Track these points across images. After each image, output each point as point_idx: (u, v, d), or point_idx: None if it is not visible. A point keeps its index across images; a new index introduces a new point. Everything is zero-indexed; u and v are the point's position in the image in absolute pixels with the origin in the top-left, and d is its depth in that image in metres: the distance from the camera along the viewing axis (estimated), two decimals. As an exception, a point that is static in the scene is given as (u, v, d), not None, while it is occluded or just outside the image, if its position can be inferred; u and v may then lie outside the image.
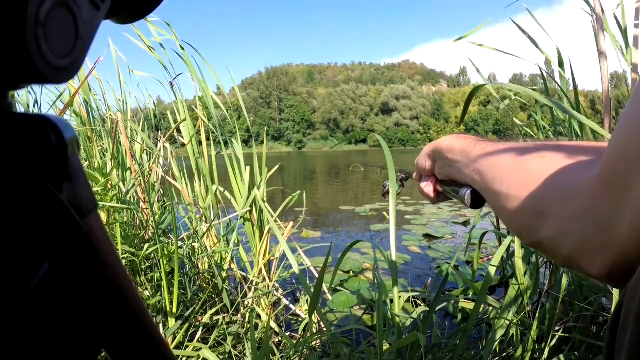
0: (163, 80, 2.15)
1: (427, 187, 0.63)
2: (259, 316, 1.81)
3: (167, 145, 2.25)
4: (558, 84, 1.65)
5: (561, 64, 1.67)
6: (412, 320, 1.49)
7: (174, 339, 1.45)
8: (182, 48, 2.02)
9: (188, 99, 2.16)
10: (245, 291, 1.93)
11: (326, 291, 2.20)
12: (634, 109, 0.25)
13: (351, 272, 2.81)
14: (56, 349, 0.19)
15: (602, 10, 1.47)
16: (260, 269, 1.97)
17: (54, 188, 0.19)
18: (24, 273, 0.17)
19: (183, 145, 2.09)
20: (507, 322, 1.30)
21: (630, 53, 1.42)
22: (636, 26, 1.39)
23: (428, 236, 3.99)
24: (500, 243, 1.76)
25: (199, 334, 1.61)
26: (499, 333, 1.28)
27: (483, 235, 1.84)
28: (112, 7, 0.24)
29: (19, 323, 0.17)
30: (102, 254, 0.24)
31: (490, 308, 1.55)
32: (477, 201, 0.50)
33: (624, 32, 1.49)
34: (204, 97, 2.06)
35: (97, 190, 1.60)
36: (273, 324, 1.60)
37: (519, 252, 1.38)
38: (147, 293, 1.67)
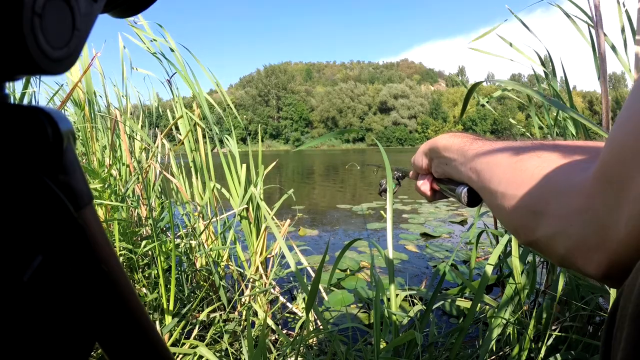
0: (161, 77, 2.16)
1: (424, 185, 0.63)
2: (255, 314, 1.81)
3: (165, 142, 2.25)
4: (551, 84, 1.66)
5: (551, 69, 1.67)
6: (409, 318, 1.50)
7: (171, 336, 1.45)
8: (173, 50, 2.02)
9: (186, 95, 2.16)
10: (242, 289, 1.93)
11: (321, 290, 2.20)
12: (631, 108, 0.25)
13: (348, 270, 2.81)
14: (49, 344, 0.19)
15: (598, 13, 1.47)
16: (257, 267, 1.97)
17: (49, 180, 0.19)
18: (17, 266, 0.17)
19: (180, 142, 2.09)
20: (504, 321, 1.30)
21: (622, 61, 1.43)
22: (638, 32, 1.39)
23: (425, 235, 4.00)
24: (497, 242, 1.76)
25: (195, 331, 1.61)
26: (496, 332, 1.28)
27: (480, 234, 1.84)
28: (109, 0, 0.24)
29: (11, 317, 0.17)
30: (97, 248, 0.24)
31: (487, 307, 1.55)
32: (474, 199, 0.50)
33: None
34: (197, 97, 2.06)
35: (96, 187, 1.59)
36: (270, 322, 1.60)
37: (516, 251, 1.39)
38: (144, 290, 1.67)
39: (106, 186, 1.66)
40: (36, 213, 0.18)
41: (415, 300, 1.83)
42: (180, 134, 2.14)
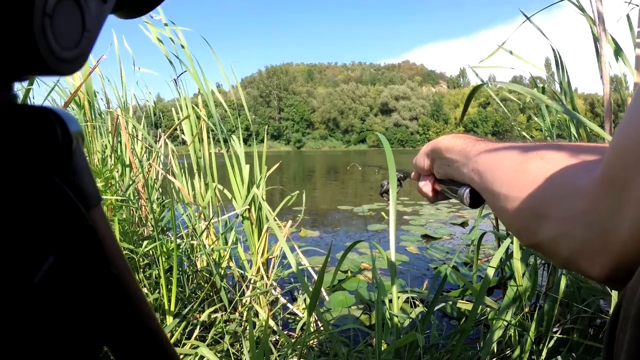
0: (166, 77, 2.15)
1: (426, 186, 0.63)
2: (256, 314, 1.81)
3: (169, 142, 2.25)
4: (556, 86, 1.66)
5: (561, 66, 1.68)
6: (410, 320, 1.50)
7: (172, 336, 1.45)
8: (183, 47, 2.01)
9: (189, 95, 2.16)
10: (243, 289, 1.93)
11: (323, 292, 2.20)
12: (635, 112, 0.25)
13: (349, 271, 2.81)
14: (58, 347, 0.19)
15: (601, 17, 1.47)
16: (259, 268, 1.97)
17: (59, 181, 0.19)
18: (28, 267, 0.17)
19: (183, 142, 2.09)
20: (505, 323, 1.30)
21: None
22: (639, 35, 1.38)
23: (426, 237, 4.00)
24: (499, 244, 1.76)
25: (196, 332, 1.61)
26: (497, 334, 1.28)
27: (482, 236, 1.84)
28: (118, 1, 0.24)
29: (21, 320, 0.17)
30: (106, 249, 0.24)
31: (488, 309, 1.55)
32: (476, 200, 0.50)
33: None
34: (205, 95, 2.05)
35: (98, 187, 1.59)
36: (271, 323, 1.60)
37: (517, 254, 1.38)
38: (145, 290, 1.67)
39: (109, 187, 1.66)
40: (48, 214, 0.18)
41: (417, 302, 1.83)
42: (183, 134, 2.14)
